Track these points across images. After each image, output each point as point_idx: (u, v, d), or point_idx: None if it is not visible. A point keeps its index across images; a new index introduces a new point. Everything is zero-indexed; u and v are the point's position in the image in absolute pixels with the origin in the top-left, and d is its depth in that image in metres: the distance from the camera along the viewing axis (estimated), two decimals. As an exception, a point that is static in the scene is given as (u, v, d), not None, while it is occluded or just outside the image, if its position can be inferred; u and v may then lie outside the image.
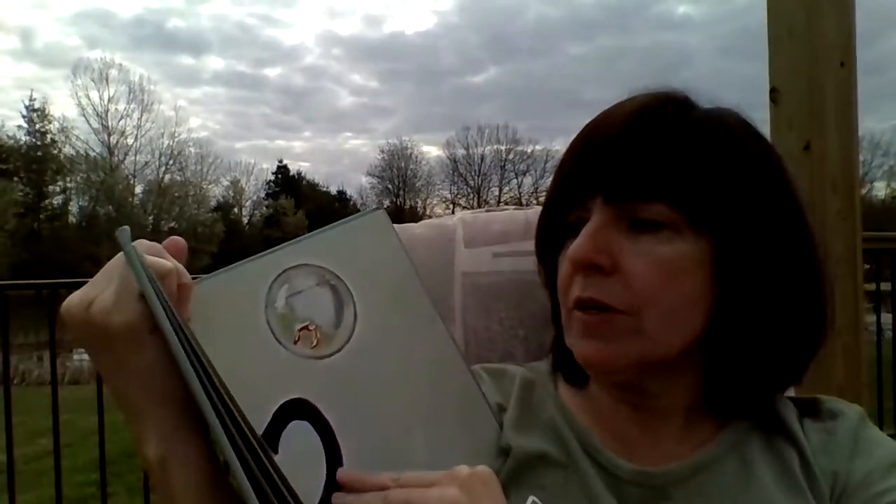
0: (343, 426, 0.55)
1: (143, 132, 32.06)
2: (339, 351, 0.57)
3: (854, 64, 1.23)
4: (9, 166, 28.64)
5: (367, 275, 0.60)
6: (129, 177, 31.87)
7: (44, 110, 29.92)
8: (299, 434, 0.53)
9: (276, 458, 0.51)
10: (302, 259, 0.57)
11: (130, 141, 31.72)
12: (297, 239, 0.58)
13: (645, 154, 0.58)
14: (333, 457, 0.55)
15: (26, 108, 29.71)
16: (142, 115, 31.65)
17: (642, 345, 0.59)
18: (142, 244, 0.51)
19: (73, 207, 30.91)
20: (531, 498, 0.59)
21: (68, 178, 30.83)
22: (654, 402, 0.63)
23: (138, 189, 32.65)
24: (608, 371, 0.61)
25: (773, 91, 1.25)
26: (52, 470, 2.47)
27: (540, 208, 0.69)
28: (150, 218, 31.11)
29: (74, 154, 30.42)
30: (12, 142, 29.38)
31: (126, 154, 31.46)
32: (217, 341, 0.52)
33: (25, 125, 29.57)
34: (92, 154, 30.46)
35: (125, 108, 30.92)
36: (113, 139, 30.61)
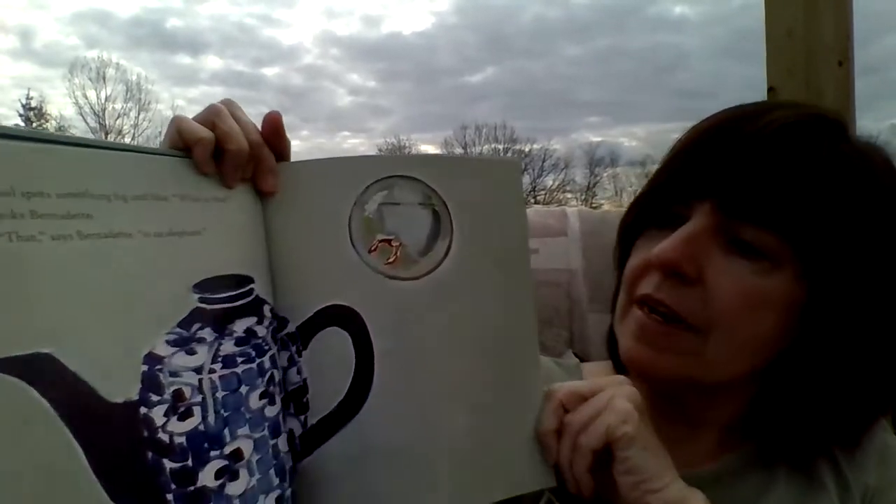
0: (386, 359, 0.51)
1: (140, 131, 31.89)
2: (414, 279, 0.52)
3: (852, 63, 1.23)
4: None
5: (476, 218, 0.55)
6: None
7: (41, 109, 29.71)
8: (335, 342, 0.51)
9: (304, 355, 0.50)
10: (413, 172, 0.53)
11: (128, 140, 31.63)
12: (419, 154, 0.53)
13: (782, 179, 0.55)
14: (362, 382, 0.51)
15: (23, 106, 29.46)
16: (139, 115, 31.48)
17: (696, 367, 0.57)
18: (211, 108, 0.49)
19: (70, 206, 30.83)
20: (546, 494, 0.58)
21: (65, 177, 30.74)
22: (689, 415, 0.62)
23: (136, 188, 32.53)
24: (652, 379, 0.60)
25: (770, 90, 1.24)
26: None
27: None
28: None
29: (71, 153, 30.33)
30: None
31: (124, 153, 31.36)
32: (291, 221, 0.50)
33: (22, 124, 29.53)
34: (89, 153, 30.38)
35: (122, 107, 30.78)
36: (110, 138, 30.57)
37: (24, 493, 0.35)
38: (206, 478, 0.43)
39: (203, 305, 0.45)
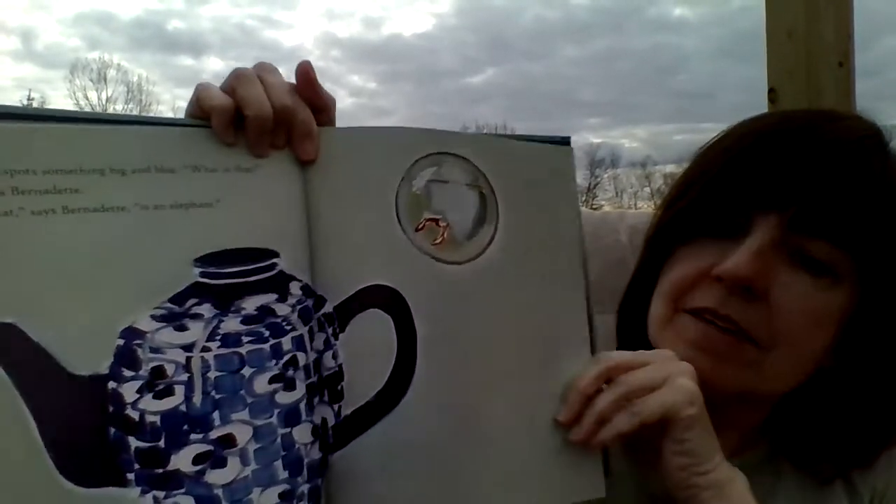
0: (429, 347, 0.48)
1: (142, 132, 31.92)
2: (459, 263, 0.49)
3: (853, 64, 1.23)
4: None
5: (523, 205, 0.52)
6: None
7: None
8: (376, 326, 0.47)
9: (341, 337, 0.46)
10: (464, 151, 0.50)
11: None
12: (471, 133, 0.49)
13: (856, 194, 0.54)
14: (403, 370, 0.47)
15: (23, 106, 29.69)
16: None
17: (754, 379, 0.56)
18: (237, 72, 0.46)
19: (73, 207, 30.79)
20: None
21: (67, 178, 30.72)
22: (722, 417, 0.57)
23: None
24: (706, 387, 0.55)
25: (771, 91, 1.24)
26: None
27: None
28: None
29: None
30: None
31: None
32: (333, 191, 0.47)
33: (24, 125, 29.49)
34: (91, 154, 30.35)
35: (123, 109, 30.81)
36: (111, 139, 30.53)
37: None
38: (181, 462, 0.41)
39: (204, 280, 0.43)
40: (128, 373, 0.40)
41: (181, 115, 0.48)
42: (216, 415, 0.42)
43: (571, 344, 0.53)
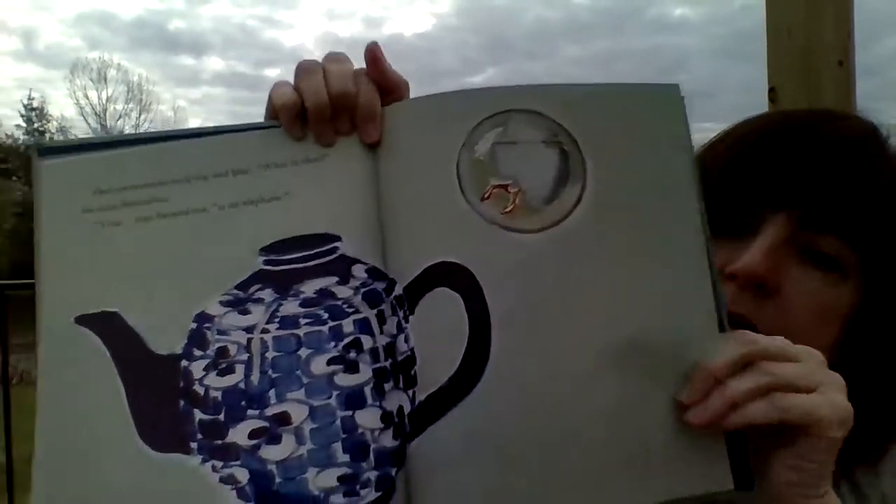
0: (504, 326, 0.44)
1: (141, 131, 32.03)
2: (536, 231, 0.45)
3: (853, 63, 1.23)
4: (8, 165, 28.51)
5: (617, 159, 0.46)
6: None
7: (42, 110, 29.75)
8: (444, 306, 0.45)
9: (411, 320, 0.45)
10: (536, 105, 0.46)
11: (130, 140, 31.57)
12: (541, 84, 0.46)
13: (863, 190, 0.55)
14: (477, 352, 0.44)
15: (25, 107, 29.59)
16: (140, 115, 31.47)
17: None
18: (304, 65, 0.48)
19: (75, 207, 30.82)
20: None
21: (68, 178, 30.75)
22: None
23: (139, 188, 32.52)
24: None
25: (771, 91, 1.25)
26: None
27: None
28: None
29: (75, 153, 30.35)
30: (11, 141, 29.28)
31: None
32: (396, 169, 0.46)
33: (24, 124, 29.51)
34: (92, 153, 30.39)
35: (124, 108, 30.81)
36: (112, 139, 30.58)
37: (78, 419, 0.45)
38: (238, 435, 0.44)
39: (267, 267, 0.46)
40: (197, 352, 0.45)
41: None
42: (272, 393, 0.44)
43: (691, 318, 0.46)
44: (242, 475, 0.44)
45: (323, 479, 0.44)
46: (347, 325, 0.45)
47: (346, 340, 0.45)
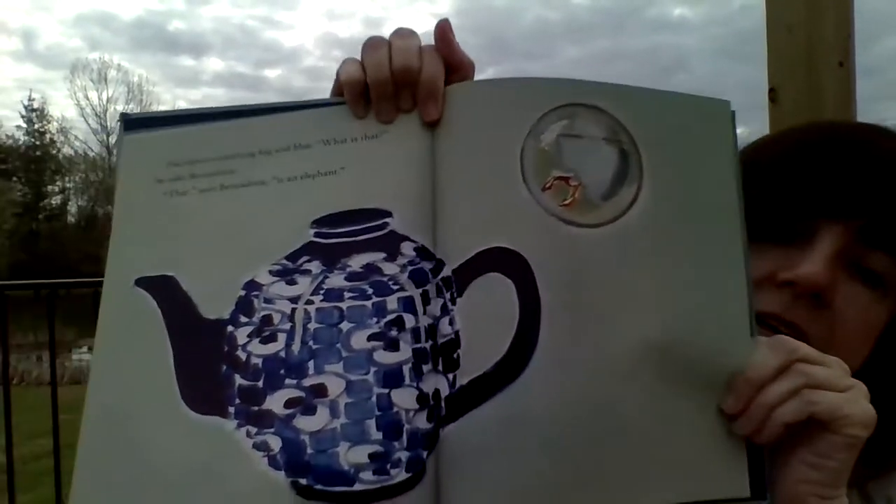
0: (554, 316, 0.44)
1: (142, 132, 31.93)
2: (593, 227, 0.45)
3: (853, 64, 1.23)
4: (8, 166, 28.60)
5: (673, 163, 0.47)
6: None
7: (43, 110, 29.82)
8: (496, 291, 0.44)
9: (458, 302, 0.44)
10: (601, 102, 0.46)
11: (130, 141, 31.55)
12: (609, 83, 0.47)
13: None
14: (525, 340, 0.43)
15: (25, 108, 29.62)
16: (141, 115, 31.58)
17: None
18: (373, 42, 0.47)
19: (72, 207, 30.78)
20: None
21: (67, 178, 30.74)
22: None
23: (138, 189, 32.47)
24: None
25: (771, 91, 1.25)
26: (51, 470, 2.47)
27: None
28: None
29: (73, 154, 30.34)
30: (11, 142, 29.35)
31: (125, 154, 31.34)
32: (456, 149, 0.46)
33: (24, 125, 29.55)
34: (90, 154, 30.37)
35: (124, 109, 30.92)
36: (112, 139, 30.39)
37: (126, 378, 0.46)
38: (274, 403, 0.44)
39: (317, 240, 0.46)
40: (243, 319, 0.46)
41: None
42: (311, 364, 0.44)
43: (729, 324, 0.47)
44: (275, 443, 0.43)
45: (354, 454, 0.43)
46: (391, 302, 0.45)
47: (389, 317, 0.45)
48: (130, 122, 0.50)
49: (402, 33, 0.48)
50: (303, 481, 0.43)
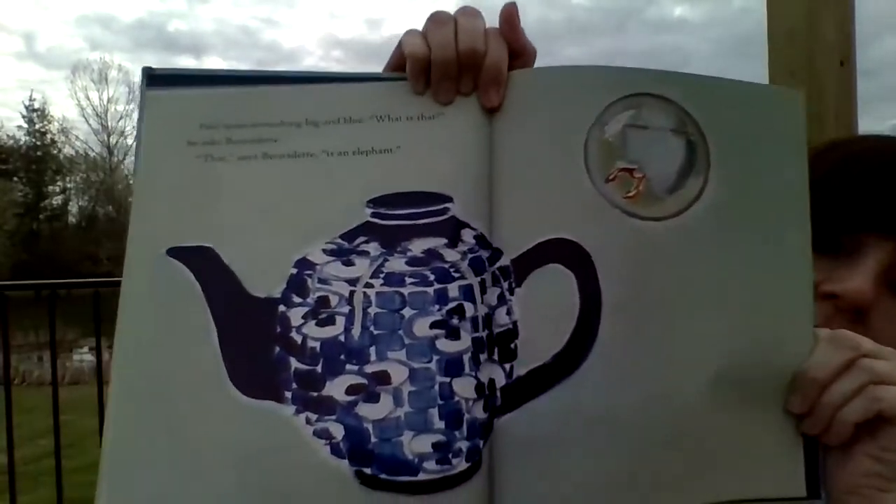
0: (615, 310, 0.43)
1: (142, 132, 31.89)
2: (657, 220, 0.44)
3: (854, 64, 1.23)
4: (8, 166, 28.59)
5: (742, 156, 0.46)
6: (129, 177, 31.80)
7: (44, 110, 29.78)
8: (556, 283, 0.43)
9: (517, 292, 0.44)
10: (669, 92, 0.45)
11: (130, 141, 31.57)
12: (678, 72, 0.46)
13: None
14: (584, 333, 0.43)
15: (26, 108, 29.59)
16: (142, 116, 31.55)
17: None
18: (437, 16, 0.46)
19: (73, 207, 30.66)
20: None
21: (68, 179, 30.65)
22: None
23: (139, 189, 32.46)
24: None
25: (772, 91, 1.25)
26: (52, 471, 2.46)
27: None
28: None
29: (74, 154, 30.27)
30: (12, 142, 29.34)
31: (126, 154, 31.27)
32: (517, 137, 0.45)
33: (25, 125, 29.56)
34: (91, 154, 30.34)
35: (125, 109, 30.84)
36: (112, 139, 30.39)
37: (161, 354, 0.43)
38: (335, 389, 0.42)
39: (374, 220, 0.44)
40: (296, 299, 0.44)
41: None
42: (373, 350, 0.43)
43: (792, 322, 0.46)
44: (337, 431, 0.42)
45: (418, 443, 0.42)
46: (453, 290, 0.44)
47: (451, 305, 0.43)
48: (155, 78, 0.47)
49: (469, 12, 0.46)
50: (367, 470, 0.42)
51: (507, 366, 0.43)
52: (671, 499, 0.44)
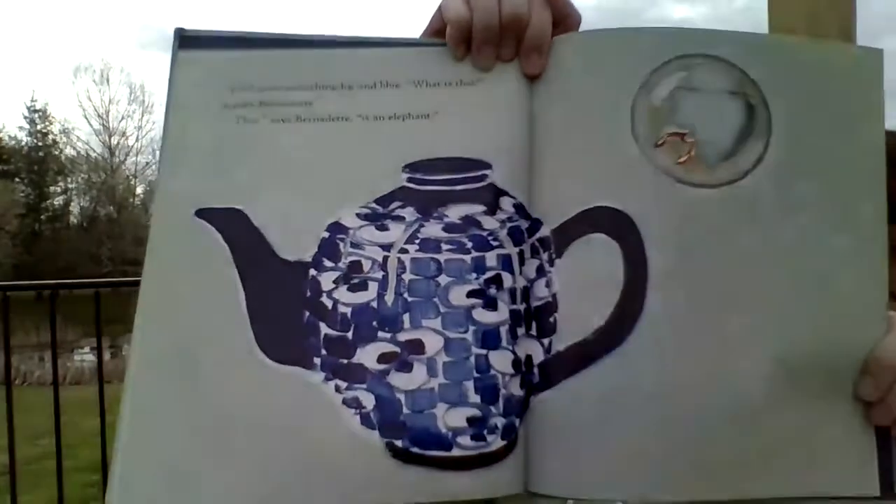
0: (664, 282, 0.41)
1: (144, 133, 31.96)
2: (710, 187, 0.41)
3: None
4: (10, 167, 28.63)
5: (808, 121, 0.42)
6: (130, 178, 31.78)
7: (45, 111, 29.89)
8: (600, 254, 0.41)
9: (557, 264, 0.42)
10: (725, 52, 0.42)
11: (132, 142, 31.59)
12: (735, 31, 0.43)
13: None
14: (630, 307, 0.41)
15: (28, 108, 29.70)
16: (143, 116, 31.56)
17: None
18: None
19: (74, 208, 30.43)
20: None
21: (69, 179, 30.47)
22: None
23: (139, 190, 32.44)
24: None
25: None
26: (53, 471, 2.45)
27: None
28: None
29: (75, 155, 30.14)
30: (14, 143, 29.38)
31: (127, 155, 31.23)
32: (559, 102, 0.43)
33: (27, 126, 29.61)
34: (93, 155, 30.35)
35: (126, 110, 30.86)
36: (114, 140, 30.25)
37: (187, 316, 0.42)
38: (366, 357, 0.41)
39: (410, 185, 0.43)
40: (328, 263, 0.42)
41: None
42: (406, 317, 0.41)
43: (863, 302, 0.42)
44: (368, 400, 0.40)
45: (452, 416, 0.40)
46: (490, 259, 0.42)
47: (489, 275, 0.42)
48: (187, 39, 0.45)
49: None
50: (398, 443, 0.40)
51: (546, 341, 0.41)
52: (725, 488, 0.41)
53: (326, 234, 0.42)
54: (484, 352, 0.41)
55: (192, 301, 0.42)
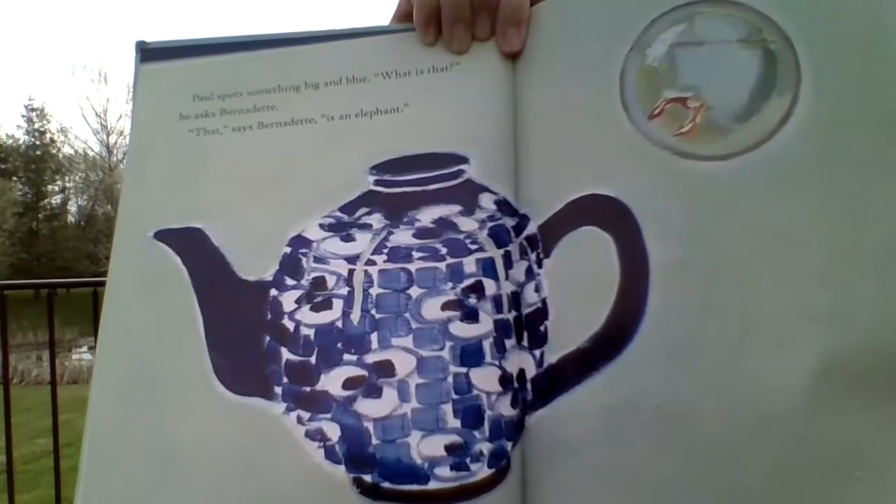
0: (669, 277, 0.34)
1: (142, 132, 31.98)
2: (721, 158, 0.34)
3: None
4: (7, 166, 28.57)
5: (849, 64, 0.34)
6: (128, 176, 31.76)
7: (43, 110, 29.84)
8: (591, 250, 0.36)
9: (545, 264, 0.37)
10: None
11: (128, 139, 31.65)
12: None
13: None
14: (629, 308, 0.34)
15: (25, 107, 29.64)
16: (141, 115, 31.63)
17: None
18: None
19: (72, 207, 30.49)
20: None
21: (67, 178, 30.53)
22: None
23: (139, 189, 32.54)
24: None
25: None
26: (51, 470, 2.46)
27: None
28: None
29: (73, 153, 30.22)
30: (11, 141, 29.34)
31: (125, 153, 31.40)
32: (540, 79, 0.39)
33: (25, 125, 29.58)
34: (91, 153, 30.25)
35: (124, 108, 30.74)
36: (112, 139, 30.33)
37: (144, 344, 0.39)
38: (330, 383, 0.37)
39: (378, 189, 0.39)
40: (290, 281, 0.38)
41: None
42: (374, 337, 0.37)
43: None
44: (333, 431, 0.36)
45: (428, 445, 0.36)
46: (469, 265, 0.38)
47: (467, 283, 0.37)
48: (148, 52, 0.43)
49: None
50: (367, 478, 0.36)
51: (538, 352, 0.37)
52: None
53: (288, 250, 0.39)
54: (464, 370, 0.37)
55: (150, 328, 0.39)
